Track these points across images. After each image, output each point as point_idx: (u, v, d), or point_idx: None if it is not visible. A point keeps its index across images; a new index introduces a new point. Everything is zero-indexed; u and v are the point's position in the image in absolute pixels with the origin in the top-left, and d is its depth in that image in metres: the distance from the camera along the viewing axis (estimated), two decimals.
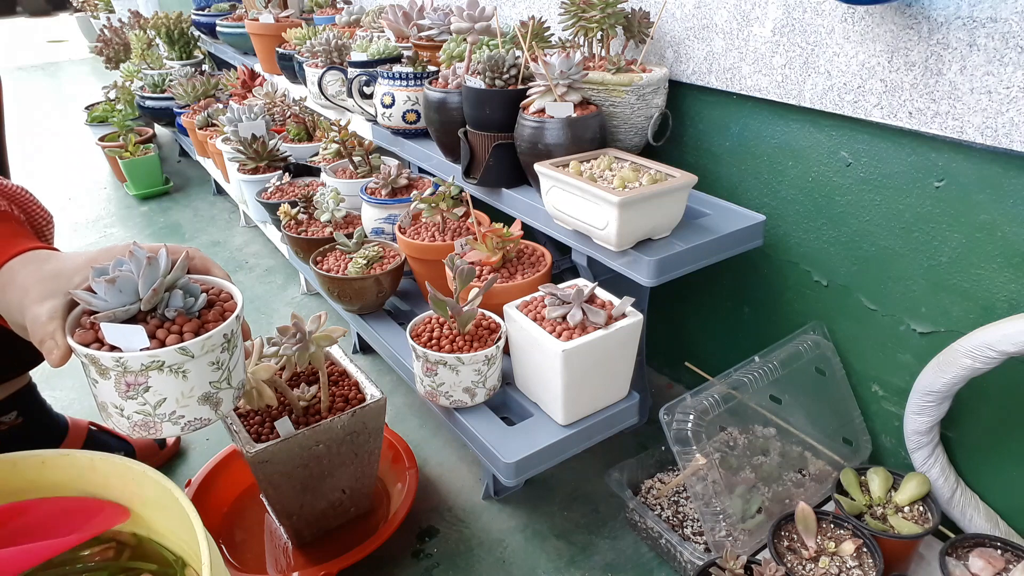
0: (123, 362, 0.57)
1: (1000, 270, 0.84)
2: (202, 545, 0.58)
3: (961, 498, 0.93)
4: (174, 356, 0.58)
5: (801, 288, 1.08)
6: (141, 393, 0.59)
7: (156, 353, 0.57)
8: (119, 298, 0.59)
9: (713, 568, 0.81)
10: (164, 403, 0.60)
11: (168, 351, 0.58)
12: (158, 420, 0.61)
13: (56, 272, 0.62)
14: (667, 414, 0.93)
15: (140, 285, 0.59)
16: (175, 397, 0.60)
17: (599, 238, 0.94)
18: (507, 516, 1.10)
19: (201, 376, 0.61)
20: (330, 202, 1.44)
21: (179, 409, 0.61)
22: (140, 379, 0.58)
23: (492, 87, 1.08)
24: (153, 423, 0.61)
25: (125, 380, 0.58)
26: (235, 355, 0.64)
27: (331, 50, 1.60)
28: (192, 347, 0.59)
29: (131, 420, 0.60)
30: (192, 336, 0.59)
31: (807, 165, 1.00)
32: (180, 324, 0.60)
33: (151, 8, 4.06)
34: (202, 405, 0.62)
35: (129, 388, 0.59)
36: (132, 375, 0.58)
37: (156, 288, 0.59)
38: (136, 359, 0.57)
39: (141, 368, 0.58)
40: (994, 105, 0.77)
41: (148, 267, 0.59)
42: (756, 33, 0.98)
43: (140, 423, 0.61)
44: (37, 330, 0.59)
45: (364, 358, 1.54)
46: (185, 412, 0.61)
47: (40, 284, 0.61)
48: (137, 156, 2.51)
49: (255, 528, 1.06)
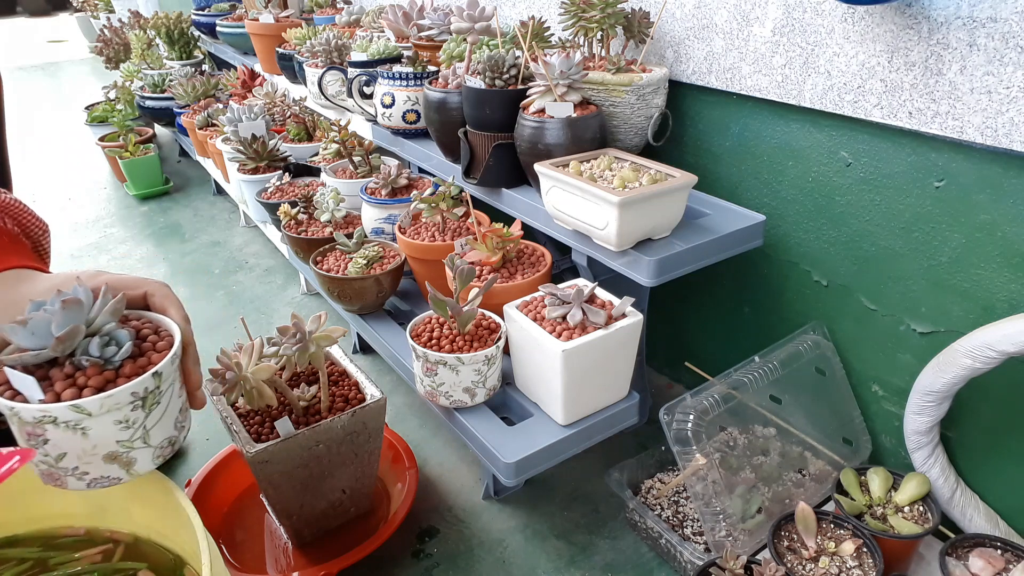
0: (16, 412, 0.54)
1: (1000, 270, 0.84)
2: (202, 545, 0.58)
3: (961, 498, 0.93)
4: (67, 413, 0.54)
5: (801, 288, 1.08)
6: (41, 444, 0.56)
7: (47, 408, 0.54)
8: (31, 340, 0.56)
9: (713, 568, 0.81)
10: (64, 458, 0.57)
11: (60, 407, 0.54)
12: (61, 472, 0.58)
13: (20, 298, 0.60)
14: (667, 414, 0.93)
15: (53, 329, 0.56)
16: (76, 453, 0.57)
17: (599, 238, 0.94)
18: (507, 516, 1.10)
19: (104, 434, 0.57)
20: (330, 202, 1.44)
21: (82, 465, 0.58)
22: (37, 431, 0.55)
23: (492, 87, 1.08)
24: (57, 474, 0.58)
25: (24, 430, 0.56)
26: (156, 412, 0.60)
27: (331, 50, 1.60)
28: (88, 405, 0.55)
29: (38, 467, 0.58)
30: (92, 392, 0.56)
31: (807, 165, 1.00)
32: (88, 376, 0.56)
33: (151, 8, 4.06)
34: (109, 463, 0.58)
35: (30, 437, 0.56)
36: (29, 426, 0.55)
37: (62, 336, 0.55)
38: (28, 411, 0.54)
39: (35, 420, 0.55)
40: (994, 105, 0.77)
41: (63, 311, 0.56)
42: (756, 33, 0.98)
43: (45, 472, 0.58)
44: None
45: (364, 358, 1.54)
46: (89, 469, 0.58)
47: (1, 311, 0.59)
48: (137, 156, 2.51)
49: (255, 528, 1.06)
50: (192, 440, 1.30)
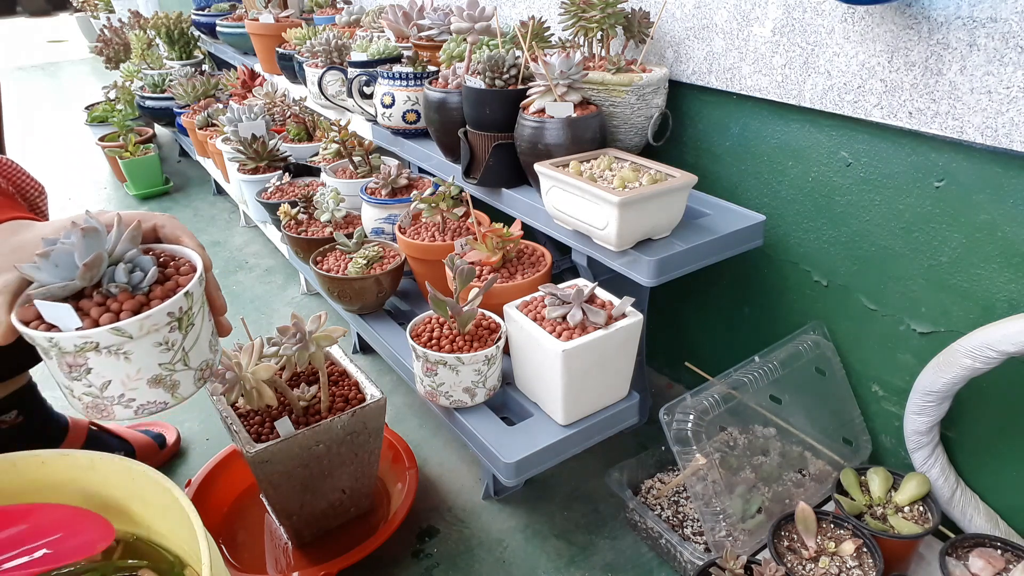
0: (56, 342, 0.54)
1: (1000, 270, 0.84)
2: (202, 545, 0.58)
3: (961, 498, 0.93)
4: (108, 337, 0.54)
5: (801, 288, 1.08)
6: (84, 375, 0.55)
7: (88, 334, 0.53)
8: (56, 273, 0.55)
9: (713, 568, 0.81)
10: (110, 385, 0.56)
11: (100, 332, 0.54)
12: (107, 403, 0.57)
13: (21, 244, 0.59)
14: (667, 414, 0.93)
15: (77, 259, 0.55)
16: (120, 379, 0.56)
17: (599, 238, 0.94)
18: (507, 516, 1.10)
19: (147, 357, 0.57)
20: (330, 202, 1.44)
21: (127, 392, 0.57)
22: (78, 360, 0.55)
23: (492, 87, 1.08)
24: (104, 406, 0.58)
25: (65, 361, 0.55)
26: (191, 333, 0.60)
27: (331, 50, 1.60)
28: (128, 327, 0.54)
29: (82, 402, 0.58)
30: (130, 315, 0.55)
31: (807, 165, 1.00)
32: (121, 301, 0.56)
33: (151, 8, 4.06)
34: (154, 388, 0.58)
35: (71, 369, 0.55)
36: (70, 356, 0.54)
37: (88, 263, 0.55)
38: (68, 340, 0.53)
39: (76, 349, 0.54)
40: (994, 105, 0.77)
41: (84, 239, 0.55)
42: (756, 33, 0.98)
43: (91, 405, 0.58)
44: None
45: (364, 358, 1.54)
46: (135, 395, 0.58)
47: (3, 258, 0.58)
48: (137, 156, 2.51)
49: (255, 528, 1.06)
50: (192, 440, 1.30)
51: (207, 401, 1.37)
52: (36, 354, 1.11)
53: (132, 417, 0.59)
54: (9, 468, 0.69)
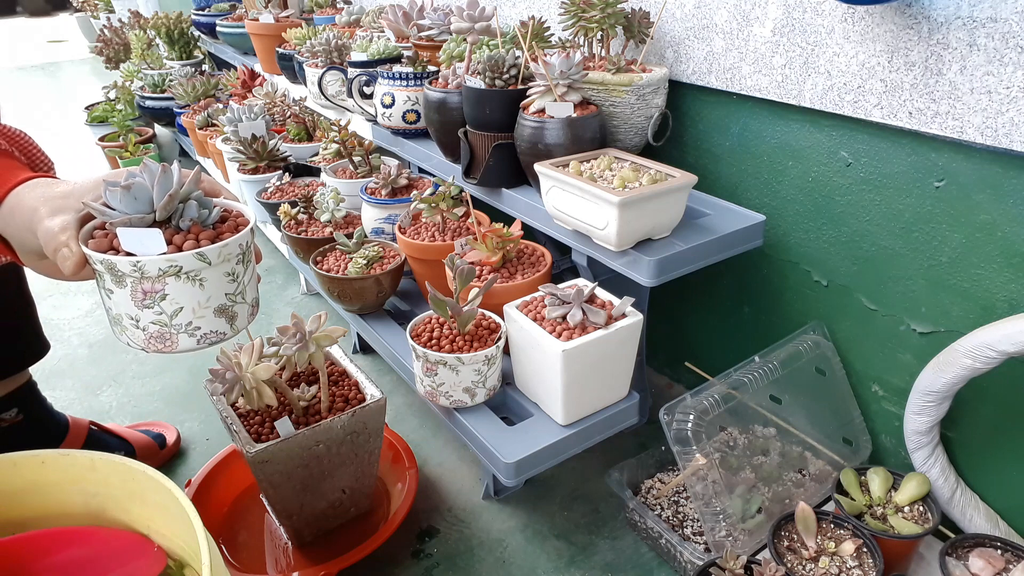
0: (141, 266, 0.56)
1: (1000, 270, 0.84)
2: (202, 545, 0.58)
3: (961, 498, 0.93)
4: (192, 262, 0.57)
5: (801, 288, 1.08)
6: (158, 302, 0.58)
7: (174, 257, 0.57)
8: (134, 206, 0.58)
9: (713, 568, 0.81)
10: (181, 312, 0.59)
11: (186, 256, 0.57)
12: (174, 331, 0.60)
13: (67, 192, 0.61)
14: (667, 414, 0.93)
15: (155, 193, 0.59)
16: (192, 307, 0.59)
17: (599, 238, 0.94)
18: (507, 516, 1.10)
19: (217, 286, 0.60)
20: (330, 202, 1.44)
21: (195, 320, 0.60)
22: (157, 286, 0.57)
23: (492, 87, 1.08)
24: (169, 334, 0.60)
25: (142, 287, 0.57)
26: (249, 270, 0.64)
27: (331, 50, 1.60)
28: (209, 253, 0.58)
29: (147, 332, 0.60)
30: (208, 243, 0.59)
31: (807, 165, 1.00)
32: (195, 233, 0.59)
33: (151, 8, 4.06)
34: (218, 317, 0.61)
35: (146, 296, 0.58)
36: (149, 281, 0.57)
37: (172, 194, 0.58)
38: (154, 263, 0.56)
39: (159, 273, 0.57)
40: (994, 105, 0.77)
41: (163, 175, 0.59)
42: (756, 33, 0.98)
43: (156, 334, 0.60)
44: (50, 241, 0.58)
45: (364, 358, 1.54)
46: (201, 323, 0.61)
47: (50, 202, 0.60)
48: (137, 156, 2.51)
49: (255, 528, 1.06)
50: (192, 440, 1.30)
51: (207, 401, 1.37)
52: (36, 351, 1.12)
53: (193, 347, 0.62)
54: (9, 468, 0.69)
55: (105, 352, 1.60)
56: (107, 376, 1.51)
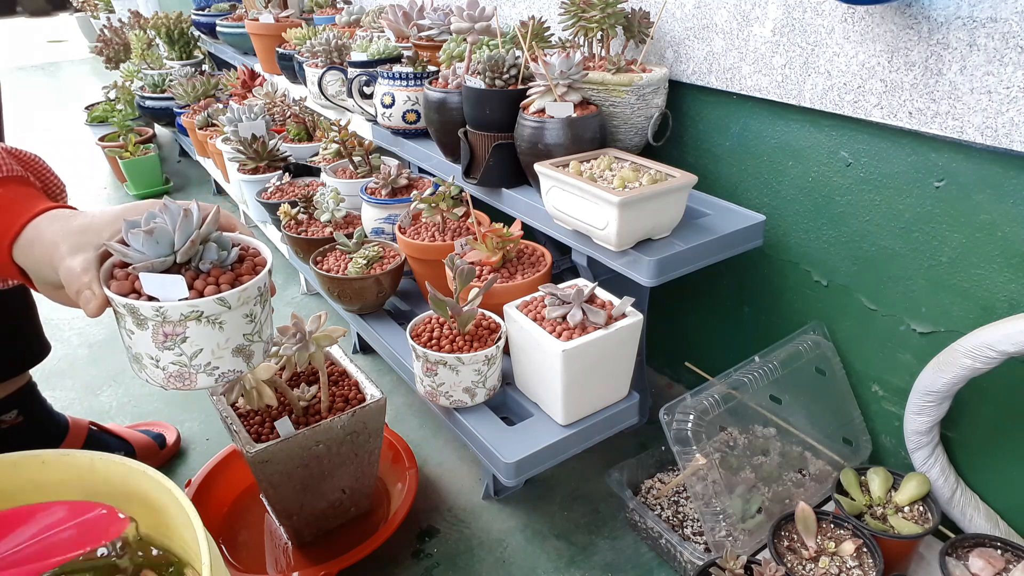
0: (163, 312, 0.57)
1: (1000, 270, 0.84)
2: (202, 545, 0.58)
3: (961, 498, 0.93)
4: (213, 307, 0.58)
5: (801, 288, 1.08)
6: (178, 344, 0.59)
7: (196, 303, 0.58)
8: (155, 249, 0.59)
9: (713, 568, 0.81)
10: (200, 354, 0.60)
11: (207, 301, 0.58)
12: (193, 371, 0.61)
13: (85, 227, 0.62)
14: (667, 414, 0.93)
15: (176, 237, 0.60)
16: (211, 348, 0.60)
17: (599, 238, 0.94)
18: (507, 516, 1.10)
19: (236, 328, 0.61)
20: (330, 202, 1.44)
21: (214, 360, 0.61)
22: (178, 329, 0.58)
23: (492, 87, 1.08)
24: (188, 374, 0.61)
25: (163, 330, 0.58)
26: (266, 309, 0.65)
27: (331, 50, 1.60)
28: (230, 298, 0.59)
29: (166, 371, 0.61)
30: (229, 288, 0.60)
31: (807, 165, 1.00)
32: (215, 276, 0.60)
33: (151, 8, 4.06)
34: (236, 357, 0.63)
35: (167, 338, 0.59)
36: (171, 325, 0.58)
37: (193, 239, 0.60)
38: (176, 309, 0.57)
39: (180, 318, 0.58)
40: (994, 105, 0.77)
41: (184, 219, 0.60)
42: (756, 33, 0.98)
43: (175, 374, 0.61)
44: (73, 281, 0.59)
45: (364, 358, 1.54)
46: (220, 364, 0.62)
47: (70, 238, 0.60)
48: (137, 156, 2.51)
49: (255, 528, 1.06)
50: (192, 440, 1.30)
51: (207, 401, 1.37)
52: (37, 353, 1.12)
53: (212, 385, 0.63)
54: (9, 468, 0.68)
55: (105, 352, 1.60)
56: (107, 376, 1.51)
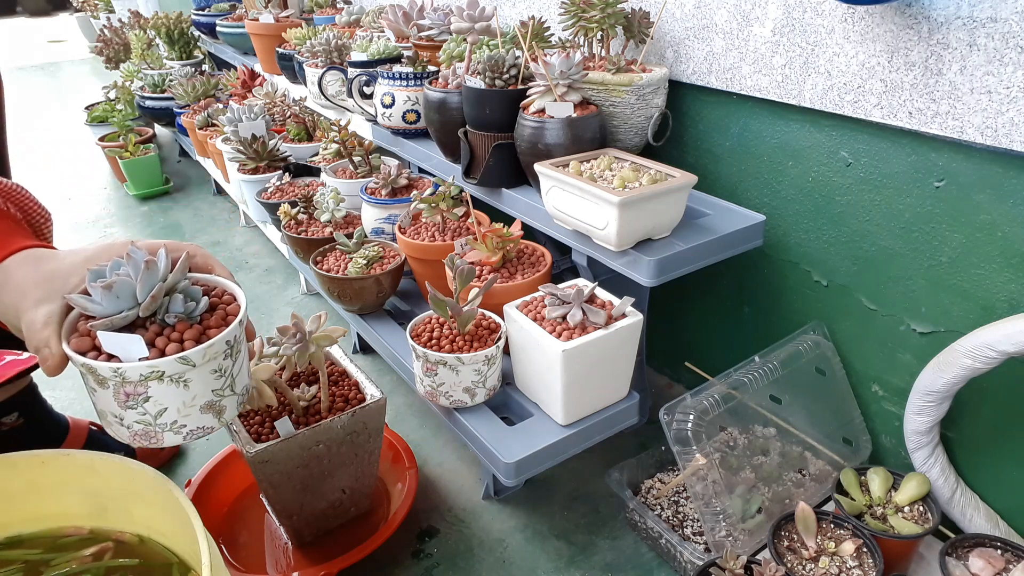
0: (121, 373, 0.55)
1: (1000, 270, 0.84)
2: (202, 545, 0.58)
3: (961, 498, 0.93)
4: (174, 366, 0.56)
5: (801, 288, 1.08)
6: (141, 403, 0.57)
7: (155, 363, 0.55)
8: (116, 304, 0.56)
9: (713, 568, 0.81)
10: (165, 413, 0.58)
11: (168, 361, 0.55)
12: (159, 430, 0.59)
13: (52, 273, 0.59)
14: (667, 414, 0.93)
15: (138, 290, 0.57)
16: (176, 407, 0.58)
17: (599, 238, 0.94)
18: (507, 516, 1.10)
19: (203, 384, 0.59)
20: (330, 202, 1.44)
21: (180, 418, 0.59)
22: (139, 389, 0.56)
23: (492, 87, 1.08)
24: (154, 432, 0.59)
25: (124, 390, 0.56)
26: (239, 360, 0.62)
27: (331, 50, 1.60)
28: (193, 356, 0.56)
29: (131, 430, 0.58)
30: (193, 344, 0.57)
31: (807, 165, 1.00)
32: (180, 331, 0.57)
33: (151, 8, 4.06)
34: (205, 413, 0.60)
35: (128, 398, 0.56)
36: (131, 385, 0.56)
37: (155, 294, 0.56)
38: (135, 369, 0.55)
39: (140, 379, 0.55)
40: (994, 105, 0.77)
41: (146, 271, 0.56)
42: (756, 33, 0.98)
43: (140, 432, 0.59)
44: (32, 336, 0.57)
45: (364, 358, 1.54)
46: (187, 421, 0.59)
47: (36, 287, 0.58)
48: (137, 156, 2.51)
49: (255, 528, 1.06)
50: None
51: None
52: None
53: (180, 442, 0.60)
54: (9, 468, 0.69)
55: None
56: None
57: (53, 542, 0.71)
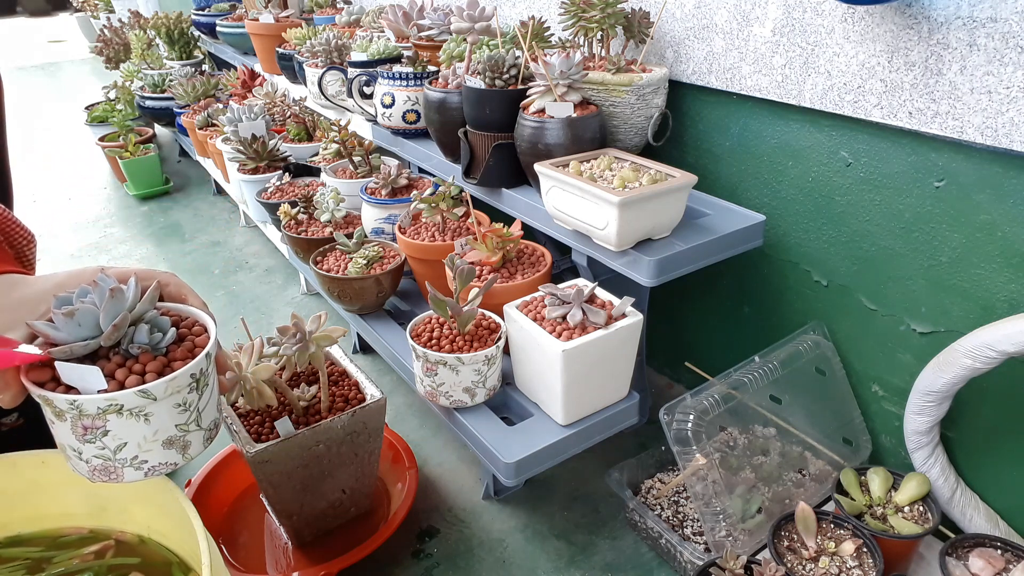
0: (78, 405, 0.52)
1: (1000, 270, 0.84)
2: (202, 545, 0.58)
3: (961, 498, 0.93)
4: (134, 399, 0.53)
5: (801, 288, 1.08)
6: (99, 437, 0.54)
7: (114, 396, 0.53)
8: (78, 332, 0.54)
9: (713, 568, 0.81)
10: (125, 448, 0.55)
11: (127, 394, 0.53)
12: (119, 465, 0.56)
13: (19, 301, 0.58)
14: (667, 414, 0.93)
15: (101, 319, 0.54)
16: (137, 441, 0.56)
17: (599, 238, 0.94)
18: (507, 516, 1.10)
19: (165, 419, 0.56)
20: (330, 202, 1.44)
21: (141, 454, 0.56)
22: (97, 423, 0.53)
23: (492, 87, 1.08)
24: (114, 468, 0.56)
25: (82, 423, 0.54)
26: (206, 394, 0.60)
27: (331, 50, 1.60)
28: (154, 389, 0.54)
29: (90, 464, 0.56)
30: (155, 377, 0.54)
31: (807, 165, 1.00)
32: (143, 363, 0.55)
33: (151, 8, 4.07)
34: (167, 449, 0.57)
35: (86, 431, 0.54)
36: (88, 419, 0.53)
37: (118, 323, 0.54)
38: (92, 402, 0.52)
39: (98, 411, 0.53)
40: (994, 105, 0.77)
41: (111, 299, 0.54)
42: (756, 33, 0.98)
43: (100, 468, 0.56)
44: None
45: (364, 358, 1.54)
46: (148, 457, 0.57)
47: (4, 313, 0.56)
48: (137, 156, 2.51)
49: (255, 528, 1.06)
50: None
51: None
52: None
53: (141, 479, 0.58)
54: (9, 468, 0.68)
55: None
56: None
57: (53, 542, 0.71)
